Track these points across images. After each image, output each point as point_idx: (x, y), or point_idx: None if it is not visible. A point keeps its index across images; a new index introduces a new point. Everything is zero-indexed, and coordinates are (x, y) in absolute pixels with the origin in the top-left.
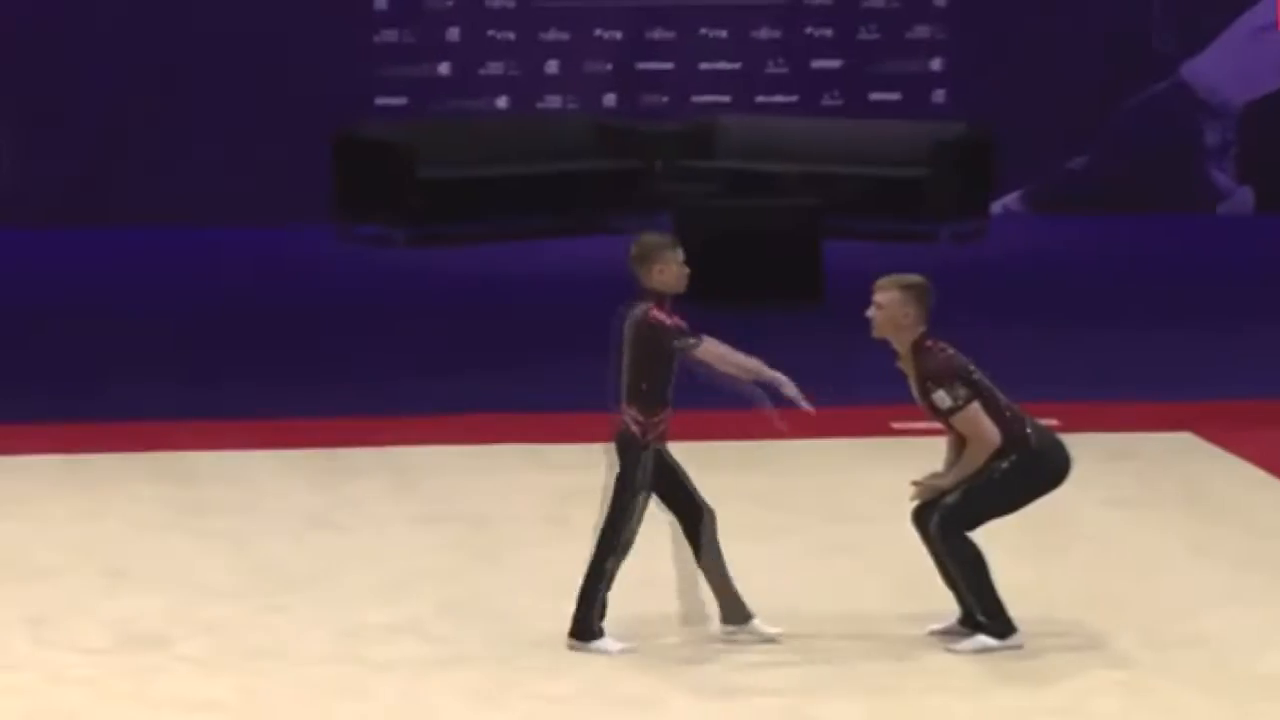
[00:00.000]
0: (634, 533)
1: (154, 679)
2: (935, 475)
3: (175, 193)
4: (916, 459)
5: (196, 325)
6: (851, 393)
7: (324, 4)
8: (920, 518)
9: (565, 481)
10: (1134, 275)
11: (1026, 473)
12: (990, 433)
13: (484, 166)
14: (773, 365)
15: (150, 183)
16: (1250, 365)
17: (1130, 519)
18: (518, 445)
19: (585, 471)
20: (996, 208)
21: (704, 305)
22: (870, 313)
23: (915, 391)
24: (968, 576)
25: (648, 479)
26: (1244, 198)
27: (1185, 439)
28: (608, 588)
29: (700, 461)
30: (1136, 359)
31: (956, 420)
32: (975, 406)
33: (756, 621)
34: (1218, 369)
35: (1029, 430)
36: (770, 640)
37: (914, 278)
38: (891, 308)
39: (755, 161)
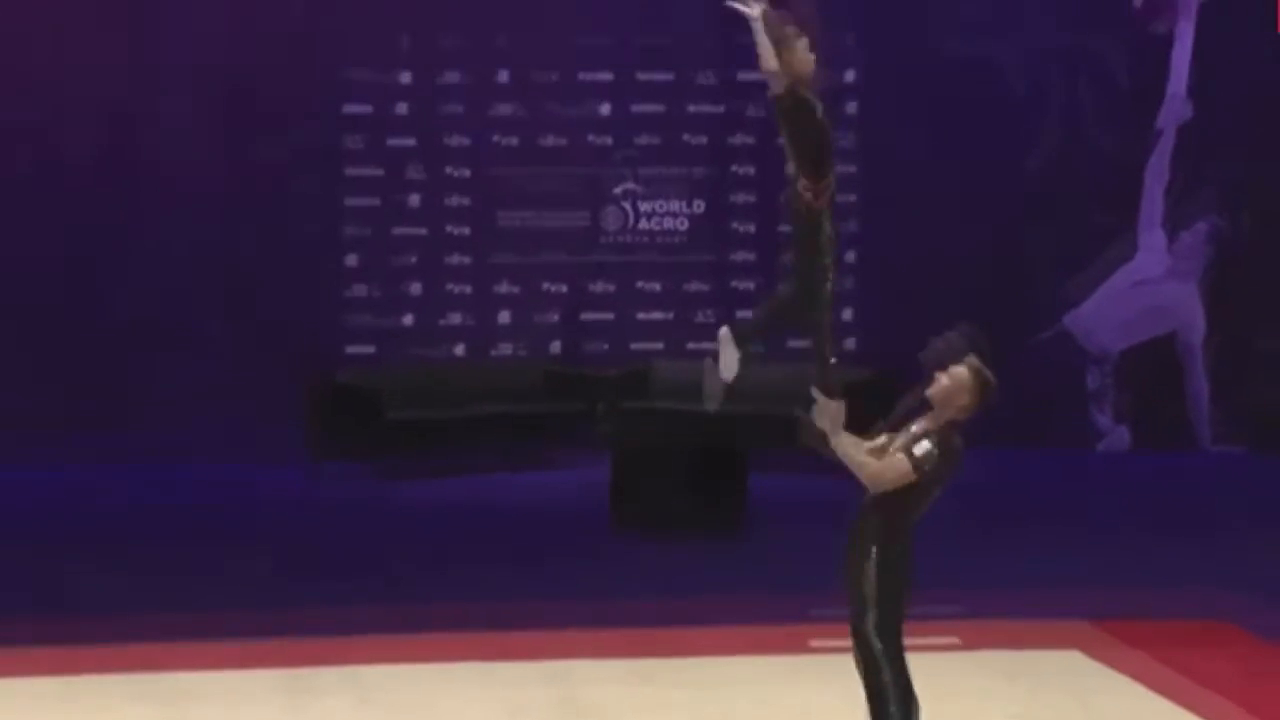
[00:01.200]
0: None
1: None
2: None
3: (157, 432)
4: (834, 676)
5: (174, 554)
6: (772, 614)
7: (299, 260)
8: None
9: (515, 696)
10: (1024, 505)
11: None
12: (883, 480)
13: (444, 408)
14: (700, 587)
15: (134, 423)
16: (1130, 588)
17: None
18: (472, 663)
19: (534, 687)
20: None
21: (639, 532)
22: (934, 384)
23: (911, 433)
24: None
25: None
26: (1121, 436)
27: (1073, 657)
28: None
29: (634, 675)
30: (1027, 581)
31: (898, 447)
32: (907, 466)
33: None
34: (1100, 592)
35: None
36: None
37: (988, 374)
38: (956, 389)
39: (687, 402)
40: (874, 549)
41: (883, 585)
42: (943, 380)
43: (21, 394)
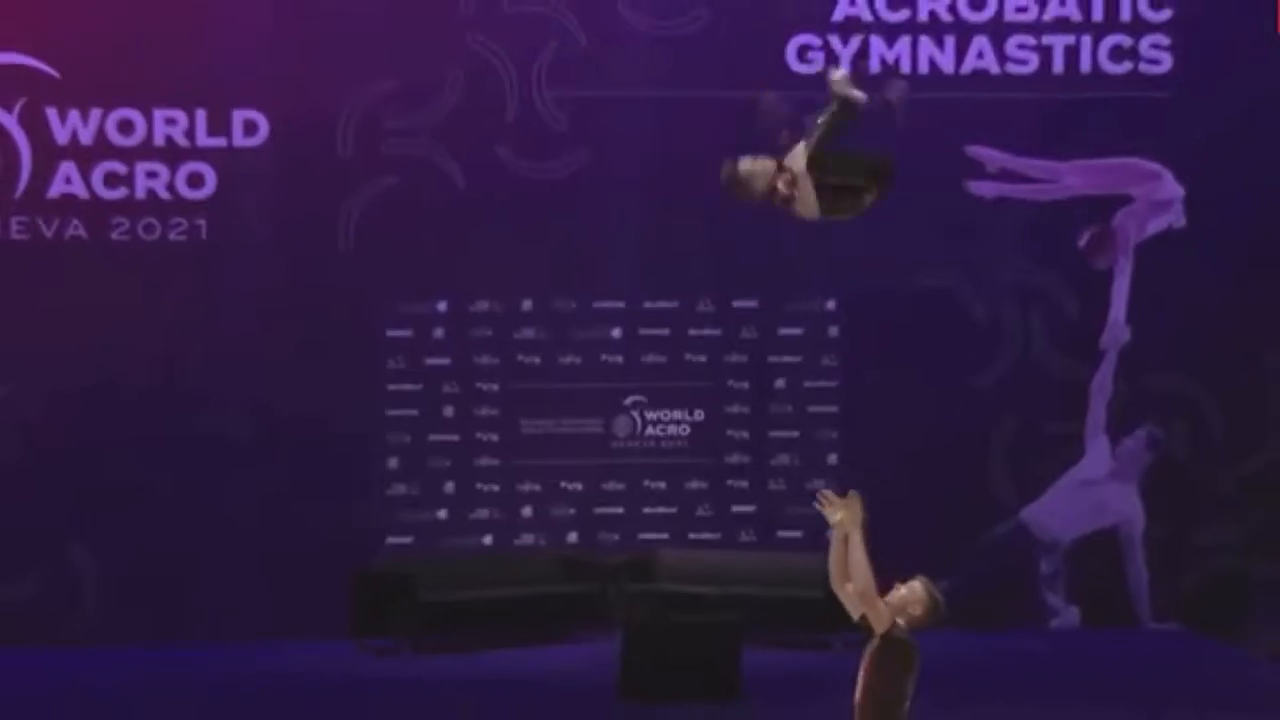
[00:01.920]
0: None
1: None
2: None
3: (224, 616)
4: None
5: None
6: None
7: (345, 466)
8: None
9: None
10: (985, 677)
11: None
12: (860, 598)
13: (473, 591)
14: None
15: (205, 608)
16: None
17: None
18: None
19: None
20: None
21: (644, 701)
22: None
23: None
24: None
25: None
26: (1071, 615)
27: None
28: None
29: None
30: None
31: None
32: (887, 617)
33: None
34: None
35: None
36: None
37: (939, 600)
38: (912, 601)
39: (688, 585)
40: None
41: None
42: (900, 590)
43: (91, 575)
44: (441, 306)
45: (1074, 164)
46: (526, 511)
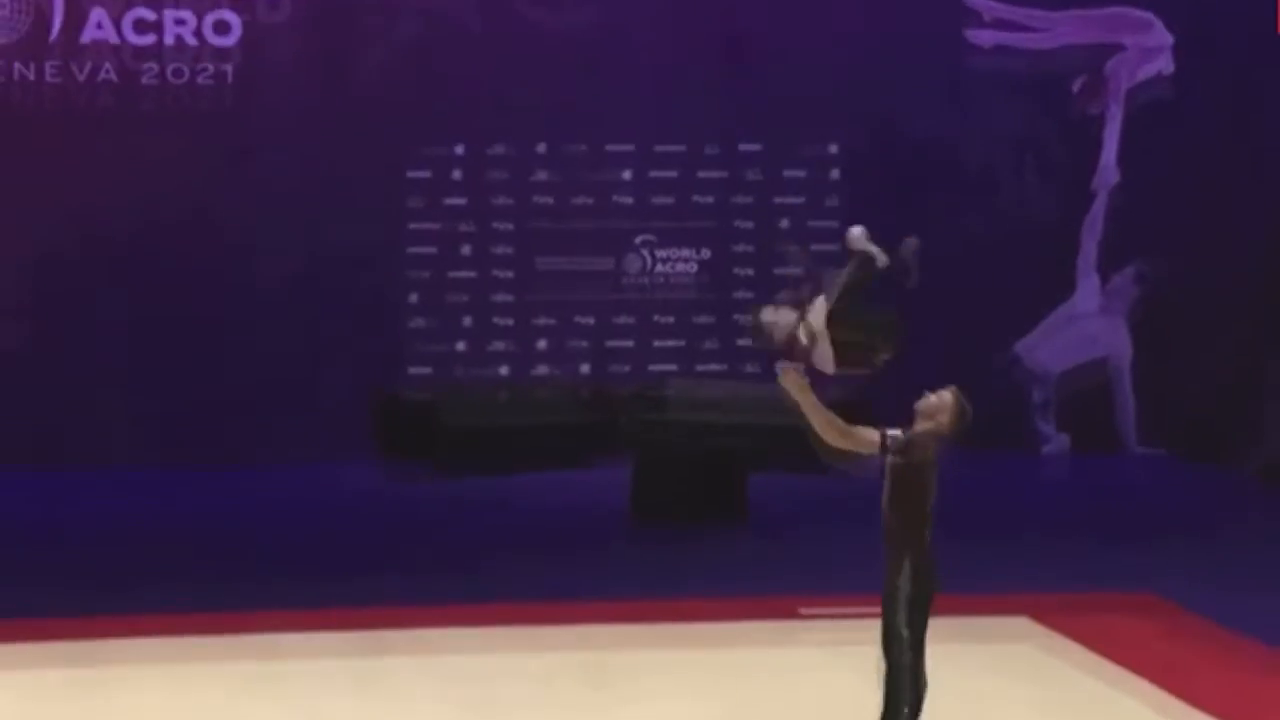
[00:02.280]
0: None
1: None
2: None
3: (260, 441)
4: (819, 637)
5: (275, 536)
6: (770, 585)
7: (367, 299)
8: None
9: (551, 654)
10: (981, 500)
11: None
12: (835, 439)
13: (491, 419)
14: (707, 567)
15: (240, 433)
16: (1069, 566)
17: (981, 685)
18: (517, 627)
19: (566, 648)
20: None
21: (655, 524)
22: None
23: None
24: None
25: None
26: (1062, 442)
27: (1021, 621)
28: None
29: (654, 638)
30: (985, 560)
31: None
32: (873, 438)
33: None
34: (1044, 570)
35: (926, 543)
36: None
37: (967, 409)
38: (940, 409)
39: (696, 414)
40: (906, 557)
41: (916, 586)
42: (930, 398)
43: (136, 401)
44: (459, 149)
45: (1068, 13)
46: (541, 344)
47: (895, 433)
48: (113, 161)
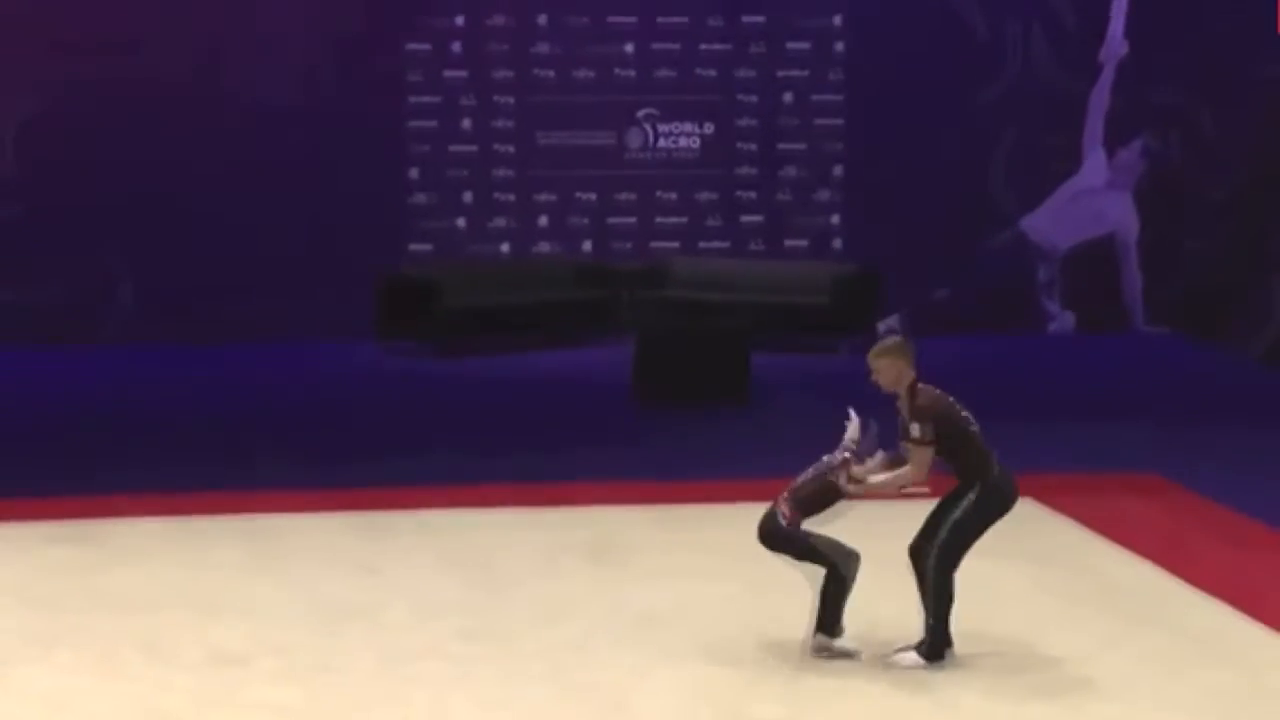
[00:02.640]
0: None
1: (238, 689)
2: (863, 470)
3: (258, 318)
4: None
5: (271, 416)
6: (772, 467)
7: (368, 175)
8: (916, 553)
9: (555, 536)
10: (985, 380)
11: (986, 504)
12: (923, 473)
13: (492, 297)
14: (710, 447)
15: (240, 311)
16: (1073, 446)
17: (985, 565)
18: (518, 509)
19: (570, 528)
20: (882, 327)
21: (658, 403)
22: (874, 379)
23: (902, 424)
24: (939, 608)
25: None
26: (1067, 320)
27: (1026, 503)
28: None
29: (656, 519)
30: (989, 441)
31: (912, 448)
32: (930, 450)
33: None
34: (1047, 450)
35: (994, 468)
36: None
37: (891, 341)
38: (887, 371)
39: (698, 292)
40: (972, 487)
41: (967, 517)
42: (878, 379)
43: (131, 277)
44: (459, 20)
45: None
46: (543, 221)
47: (916, 428)
48: (111, 27)
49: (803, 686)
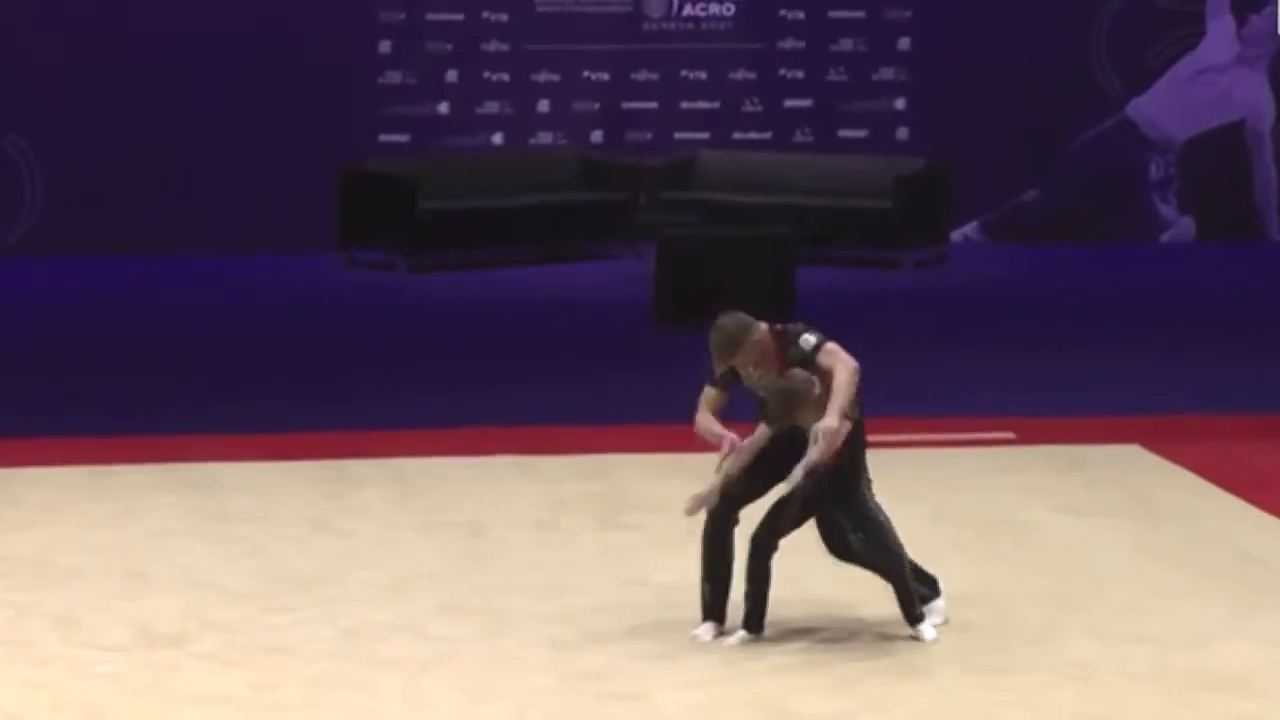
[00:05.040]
0: None
1: (172, 674)
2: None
3: (192, 223)
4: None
5: (211, 346)
6: None
7: (331, 48)
8: (836, 551)
9: (555, 491)
10: (1084, 300)
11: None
12: (850, 359)
13: (480, 199)
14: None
15: (168, 214)
16: (1192, 382)
17: (1081, 524)
18: (511, 457)
19: (574, 481)
20: (956, 236)
21: (684, 328)
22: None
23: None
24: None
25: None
26: (1185, 227)
27: (1133, 451)
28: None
29: (683, 470)
30: (1087, 377)
31: (822, 355)
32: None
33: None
34: (1161, 386)
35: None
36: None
37: (729, 326)
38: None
39: (732, 193)
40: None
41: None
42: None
43: (71, 192)
44: None
45: None
46: (543, 106)
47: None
48: None
49: (853, 678)
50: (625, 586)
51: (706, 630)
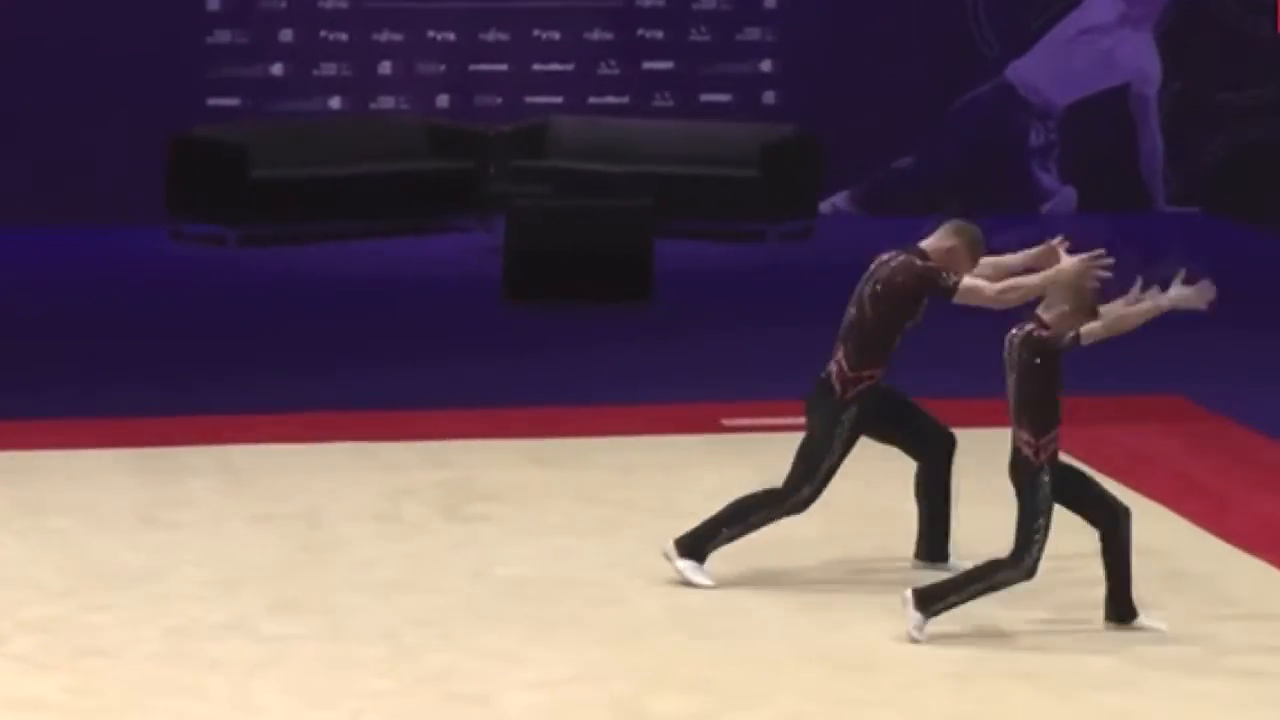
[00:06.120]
0: (1036, 560)
1: None
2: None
3: (8, 193)
4: (747, 456)
5: (28, 324)
6: (682, 389)
7: (155, 4)
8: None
9: (397, 479)
10: None
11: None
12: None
13: (317, 167)
14: (603, 362)
15: None
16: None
17: (955, 514)
18: (350, 443)
19: (417, 469)
20: (825, 207)
21: (536, 304)
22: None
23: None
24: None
25: (1048, 501)
26: (1068, 197)
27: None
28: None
29: (533, 457)
30: (958, 357)
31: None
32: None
33: None
34: None
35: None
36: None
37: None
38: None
39: (587, 162)
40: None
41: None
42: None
43: None
44: None
45: None
46: (384, 68)
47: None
48: None
49: (712, 677)
50: (472, 581)
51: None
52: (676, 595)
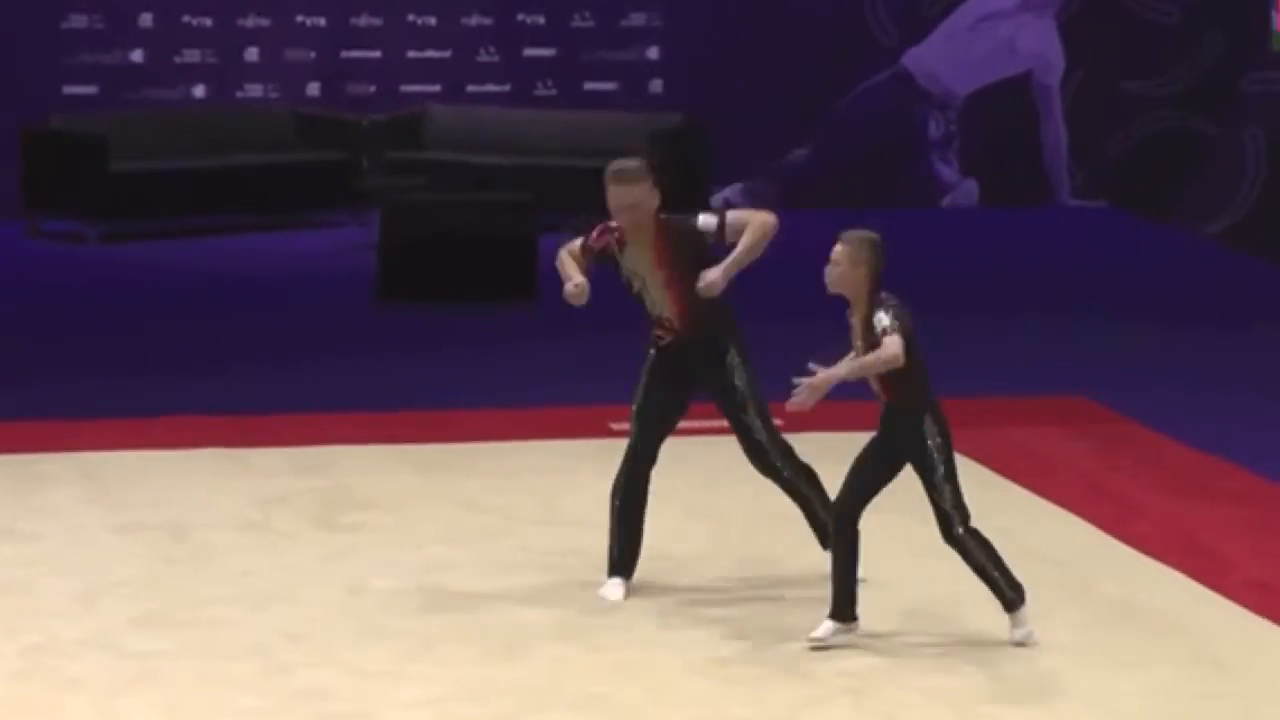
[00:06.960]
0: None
1: None
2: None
3: None
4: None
5: None
6: (569, 392)
7: None
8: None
9: (267, 487)
10: None
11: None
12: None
13: (180, 158)
14: (483, 363)
15: None
16: (971, 364)
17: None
18: (217, 449)
19: (288, 476)
20: (715, 200)
21: (414, 304)
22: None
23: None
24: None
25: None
26: (968, 190)
27: None
28: None
29: (411, 463)
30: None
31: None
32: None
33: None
34: (940, 368)
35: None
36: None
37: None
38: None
39: (466, 154)
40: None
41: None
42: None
43: None
44: None
45: None
46: (251, 54)
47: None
48: None
49: (598, 694)
50: (347, 594)
51: (615, 587)
52: (560, 607)
